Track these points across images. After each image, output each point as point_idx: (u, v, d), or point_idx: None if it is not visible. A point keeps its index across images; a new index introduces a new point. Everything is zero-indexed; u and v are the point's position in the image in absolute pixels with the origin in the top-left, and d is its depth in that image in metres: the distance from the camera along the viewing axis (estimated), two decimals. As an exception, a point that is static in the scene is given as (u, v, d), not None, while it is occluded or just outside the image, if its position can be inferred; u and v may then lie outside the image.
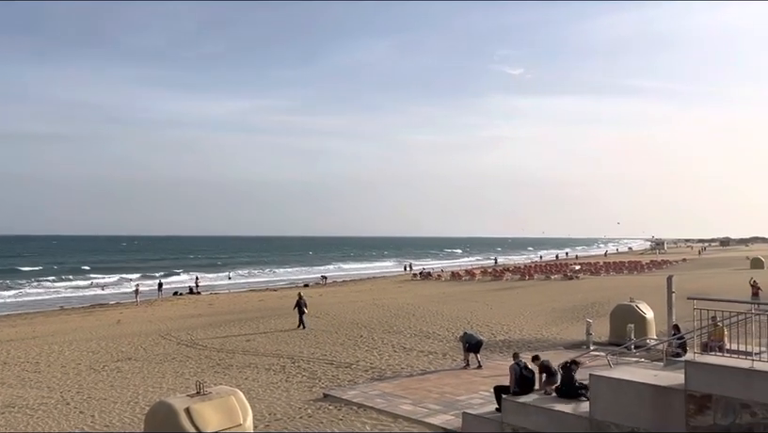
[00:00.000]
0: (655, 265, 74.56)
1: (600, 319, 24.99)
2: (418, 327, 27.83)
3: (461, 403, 14.38)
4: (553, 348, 21.15)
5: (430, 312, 33.01)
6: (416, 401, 14.93)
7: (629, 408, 10.03)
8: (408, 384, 16.89)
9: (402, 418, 13.59)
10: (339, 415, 14.20)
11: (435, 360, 20.38)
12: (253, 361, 21.57)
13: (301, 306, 29.49)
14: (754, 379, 8.80)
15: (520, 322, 28.67)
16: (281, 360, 21.43)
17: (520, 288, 49.68)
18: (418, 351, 22.11)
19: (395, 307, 35.98)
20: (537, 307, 34.40)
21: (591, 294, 40.01)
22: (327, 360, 21.18)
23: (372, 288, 57.05)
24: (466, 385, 16.45)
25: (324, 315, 33.03)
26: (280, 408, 15.25)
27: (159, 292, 55.86)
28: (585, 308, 32.33)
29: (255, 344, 25.00)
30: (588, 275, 63.90)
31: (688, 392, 9.38)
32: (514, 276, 64.55)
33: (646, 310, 21.96)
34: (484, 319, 29.21)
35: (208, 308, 42.67)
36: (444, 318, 29.98)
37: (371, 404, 14.81)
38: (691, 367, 9.53)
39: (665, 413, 9.61)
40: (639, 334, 19.95)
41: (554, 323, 28.05)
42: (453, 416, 13.38)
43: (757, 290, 19.84)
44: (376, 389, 16.44)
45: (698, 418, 9.25)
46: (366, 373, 18.80)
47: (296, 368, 20.11)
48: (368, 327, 28.28)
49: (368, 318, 31.19)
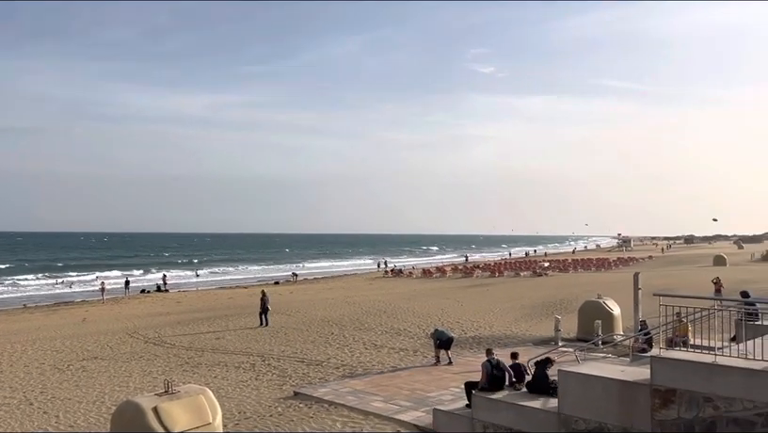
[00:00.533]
0: (622, 263, 75.90)
1: (568, 315, 25.32)
2: (389, 324, 27.85)
3: (432, 399, 14.44)
4: (523, 344, 21.36)
5: (401, 309, 33.06)
6: (387, 398, 14.94)
7: (596, 402, 10.20)
8: (380, 381, 16.90)
9: (373, 415, 13.59)
10: (309, 413, 14.14)
11: (406, 357, 20.42)
12: (222, 360, 21.35)
13: (265, 303, 29.43)
14: (716, 374, 9.01)
15: (489, 318, 28.90)
16: (251, 358, 21.25)
17: (491, 285, 50.09)
18: (389, 348, 22.13)
19: (366, 304, 35.97)
20: (507, 304, 34.72)
21: (560, 290, 40.54)
22: (297, 357, 21.07)
23: (343, 285, 56.97)
24: (437, 381, 16.52)
25: (294, 313, 32.86)
26: (250, 407, 15.12)
27: (126, 289, 54.92)
28: (554, 304, 32.73)
29: (224, 342, 24.75)
30: (557, 272, 64.74)
31: (653, 387, 9.57)
32: (484, 273, 65.09)
33: (613, 306, 22.32)
34: (454, 316, 29.37)
35: (176, 306, 42.11)
36: (415, 315, 30.06)
37: (342, 401, 14.77)
38: (656, 362, 9.72)
39: (632, 408, 9.79)
40: (606, 330, 20.25)
41: (524, 319, 28.35)
42: (424, 413, 13.42)
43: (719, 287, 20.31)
44: (347, 386, 16.40)
45: (663, 412, 9.44)
46: (337, 370, 18.75)
47: (265, 366, 19.96)
48: (339, 324, 28.22)
49: (339, 315, 31.12)
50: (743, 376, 8.80)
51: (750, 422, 8.65)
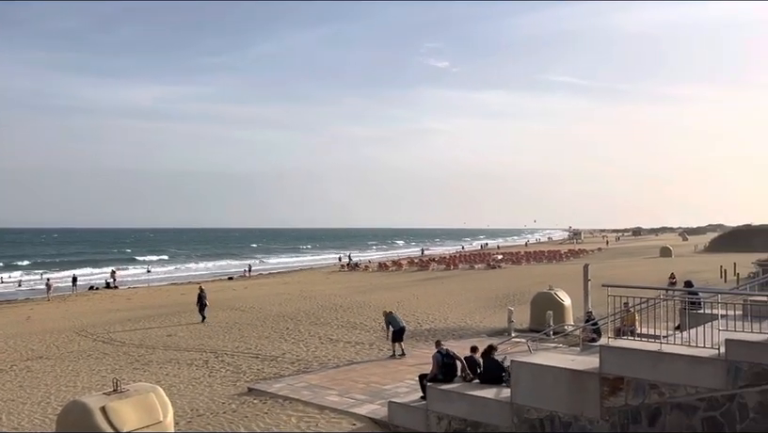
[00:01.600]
0: (573, 255, 77.69)
1: (521, 307, 25.76)
2: (345, 318, 27.81)
3: (387, 392, 14.49)
4: (477, 336, 21.64)
5: (357, 303, 33.06)
6: (342, 392, 14.92)
7: (547, 392, 10.40)
8: (335, 375, 16.87)
9: (328, 409, 13.55)
10: (264, 409, 14.00)
11: (362, 351, 20.43)
12: (174, 357, 20.94)
13: (202, 299, 29.31)
14: (661, 361, 9.30)
15: (444, 311, 29.17)
16: (204, 355, 20.91)
17: (446, 278, 50.57)
18: (345, 342, 22.10)
19: (322, 298, 35.84)
20: (462, 296, 35.11)
21: (513, 282, 41.24)
22: (251, 353, 20.83)
23: (299, 280, 56.58)
24: (392, 374, 16.58)
25: (249, 309, 32.49)
26: (203, 404, 14.88)
27: (74, 286, 53.21)
28: (507, 296, 33.27)
29: (176, 339, 24.28)
30: (510, 264, 65.81)
31: (602, 375, 9.81)
32: (439, 266, 65.67)
33: (564, 297, 22.81)
34: (410, 309, 29.52)
35: (126, 302, 41.07)
36: (371, 309, 30.09)
37: (297, 396, 14.68)
38: (605, 351, 9.96)
39: (581, 396, 10.01)
40: (558, 321, 20.69)
41: (478, 311, 28.71)
42: (379, 405, 13.46)
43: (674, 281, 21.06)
44: (302, 381, 16.31)
45: (612, 399, 9.70)
46: (292, 365, 18.62)
47: (219, 362, 19.67)
48: (294, 319, 28.03)
49: (294, 310, 30.91)
50: (686, 363, 9.10)
51: (693, 407, 8.95)
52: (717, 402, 8.76)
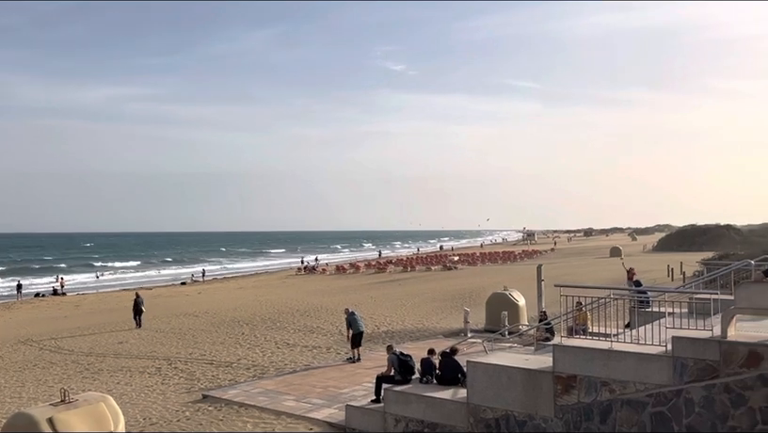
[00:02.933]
0: (527, 255, 79.08)
1: (477, 307, 26.05)
2: (302, 322, 27.61)
3: (345, 396, 14.43)
4: (434, 337, 21.78)
5: (314, 306, 32.87)
6: (300, 397, 14.79)
7: (502, 391, 10.53)
8: (292, 380, 16.71)
9: (285, 414, 13.41)
10: (219, 416, 13.76)
11: (319, 355, 20.31)
12: (126, 365, 20.40)
13: (138, 305, 29.36)
14: (612, 359, 9.53)
15: (402, 313, 29.26)
16: (157, 362, 20.43)
17: (403, 280, 50.78)
18: (302, 346, 21.93)
19: (279, 302, 35.52)
20: (418, 297, 35.30)
21: (469, 283, 41.67)
22: (206, 359, 20.46)
23: (255, 284, 55.94)
24: (350, 378, 16.52)
25: (203, 314, 31.93)
26: (156, 412, 14.54)
27: (18, 294, 51.37)
28: (463, 297, 33.60)
29: (128, 347, 23.66)
30: (466, 265, 66.54)
31: (555, 374, 9.99)
32: (397, 268, 65.90)
33: (518, 297, 23.16)
34: (367, 312, 29.50)
35: (74, 310, 39.87)
36: (328, 312, 29.96)
37: (253, 402, 14.48)
38: (558, 350, 10.15)
39: (536, 395, 10.18)
40: (512, 321, 20.99)
41: (435, 312, 28.90)
42: (336, 409, 13.39)
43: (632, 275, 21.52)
44: (258, 387, 16.10)
45: (565, 397, 9.89)
46: (248, 371, 18.37)
47: (172, 370, 19.26)
48: (250, 324, 27.68)
49: (250, 315, 30.53)
50: (635, 361, 9.35)
51: (642, 403, 9.21)
52: (665, 397, 9.03)
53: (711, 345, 8.76)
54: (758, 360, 8.37)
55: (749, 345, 8.52)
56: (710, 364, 8.72)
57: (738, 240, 66.83)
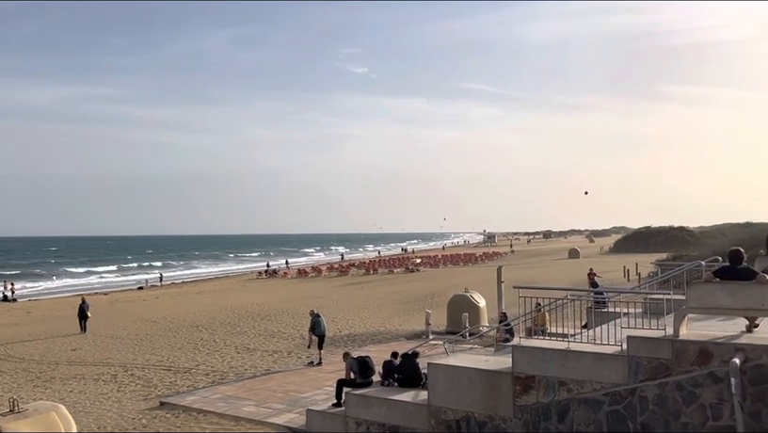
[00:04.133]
0: (487, 257, 79.96)
1: (438, 309, 26.20)
2: (262, 326, 27.32)
3: (306, 400, 14.33)
4: (396, 339, 21.81)
5: (275, 310, 32.58)
6: (260, 402, 14.62)
7: (463, 393, 10.58)
8: (252, 385, 16.51)
9: (245, 420, 13.24)
10: (177, 423, 13.50)
11: (280, 359, 20.12)
12: (80, 372, 19.84)
13: (84, 310, 29.20)
14: (569, 359, 9.66)
15: (364, 316, 29.23)
16: (112, 369, 19.93)
17: (366, 283, 50.75)
18: (262, 351, 21.69)
19: (239, 307, 35.07)
20: (381, 300, 35.33)
21: (431, 285, 41.91)
22: (164, 366, 20.05)
23: (215, 288, 55.10)
24: (311, 382, 16.42)
25: (161, 319, 31.31)
26: (111, 421, 14.18)
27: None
28: (425, 299, 33.78)
29: (82, 354, 23.01)
30: (428, 267, 66.90)
31: (514, 375, 10.09)
32: (359, 271, 65.79)
33: (479, 299, 23.39)
34: (330, 315, 29.31)
35: (26, 316, 38.60)
36: (289, 316, 29.74)
37: (212, 408, 14.25)
38: (517, 351, 10.26)
39: (495, 396, 10.26)
40: (473, 322, 21.18)
41: (397, 315, 28.96)
42: (297, 414, 13.29)
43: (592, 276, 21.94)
44: (217, 393, 15.85)
45: (524, 397, 9.99)
46: (207, 377, 18.07)
47: (128, 376, 18.81)
48: (209, 328, 27.25)
49: (209, 320, 30.06)
50: (592, 360, 9.51)
51: (598, 401, 9.36)
52: (620, 396, 9.20)
53: (664, 344, 8.96)
54: (708, 357, 8.60)
55: (700, 344, 8.75)
56: (663, 363, 8.92)
57: (691, 241, 68.91)
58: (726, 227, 68.49)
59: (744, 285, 8.71)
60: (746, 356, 8.32)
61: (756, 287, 8.60)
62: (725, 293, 8.79)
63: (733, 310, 8.89)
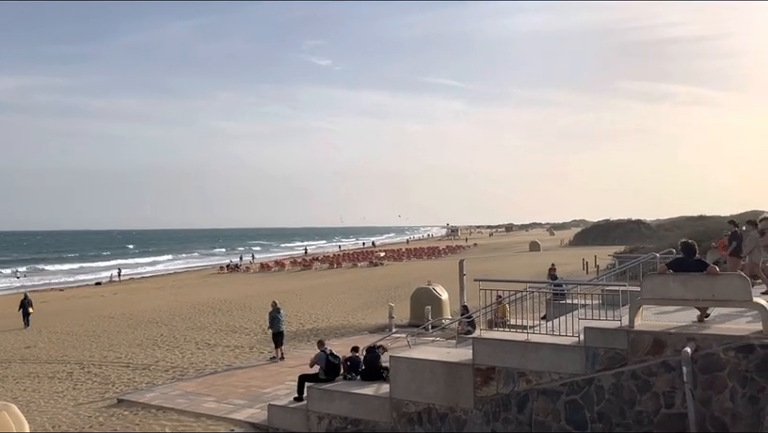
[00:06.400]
0: (450, 250, 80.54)
1: (401, 302, 26.28)
2: (223, 321, 27.01)
3: (267, 395, 14.22)
4: (359, 333, 21.82)
5: (237, 305, 32.24)
6: (220, 398, 14.46)
7: (424, 385, 10.66)
8: (213, 381, 16.31)
9: (205, 417, 13.08)
10: (135, 420, 13.26)
11: (241, 355, 19.92)
12: (34, 370, 19.30)
13: (26, 306, 29.68)
14: (529, 350, 9.82)
15: (327, 310, 29.16)
16: (68, 367, 19.44)
17: (329, 276, 50.61)
18: (223, 346, 21.44)
19: (199, 302, 34.59)
20: (344, 294, 35.30)
21: (394, 279, 42.05)
22: (122, 362, 19.65)
23: (174, 284, 54.21)
24: (273, 377, 16.30)
25: (119, 315, 30.67)
26: (67, 419, 13.85)
27: None
28: (389, 292, 33.89)
29: (36, 351, 22.39)
30: (392, 261, 67.06)
31: (475, 366, 10.20)
32: (323, 265, 65.56)
33: (441, 292, 23.56)
34: (292, 309, 29.19)
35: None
36: (251, 311, 29.47)
37: (171, 405, 14.03)
38: (477, 343, 10.37)
39: (456, 387, 10.36)
40: (436, 315, 21.33)
41: (360, 309, 28.97)
42: (259, 409, 13.19)
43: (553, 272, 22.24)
44: (177, 389, 15.62)
45: (484, 389, 10.11)
46: (166, 373, 17.78)
47: (85, 374, 18.38)
48: (169, 324, 26.81)
49: (168, 315, 29.58)
50: (550, 351, 9.68)
51: (557, 392, 9.54)
52: (578, 386, 9.39)
53: (619, 335, 9.18)
54: (661, 347, 8.84)
55: (654, 334, 8.98)
56: (619, 353, 9.14)
57: (648, 234, 70.67)
58: (680, 220, 70.34)
59: (695, 276, 8.97)
60: (697, 345, 8.58)
61: (706, 278, 8.87)
62: (677, 284, 9.04)
63: (685, 300, 9.16)
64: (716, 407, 8.48)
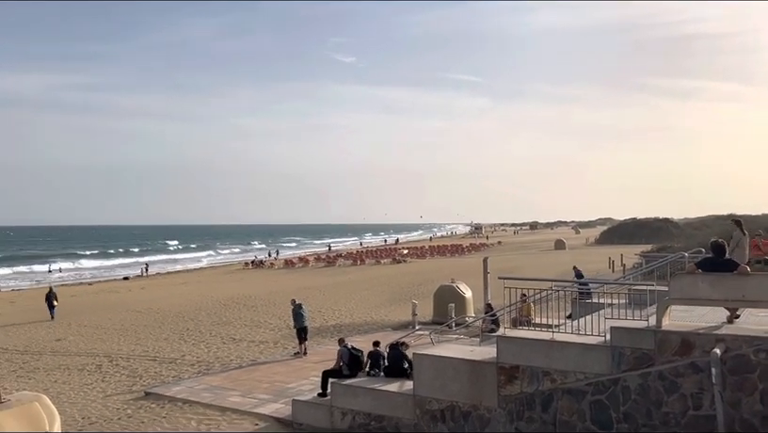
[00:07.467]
0: (474, 248, 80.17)
1: (425, 300, 26.26)
2: (248, 316, 27.26)
3: (291, 390, 14.33)
4: (382, 330, 21.85)
5: (261, 300, 32.52)
6: (245, 392, 14.62)
7: (448, 383, 10.64)
8: (238, 376, 16.49)
9: (230, 411, 13.23)
10: (162, 413, 13.46)
11: (266, 350, 20.10)
12: (64, 363, 19.70)
13: (51, 299, 30.72)
14: (553, 349, 9.75)
15: (350, 306, 29.25)
16: (97, 360, 19.81)
17: (352, 273, 50.74)
18: (248, 341, 21.65)
19: (224, 297, 34.95)
20: (367, 291, 35.36)
21: (417, 276, 42.01)
22: (149, 356, 19.96)
23: (200, 279, 54.86)
24: (297, 372, 16.42)
25: (146, 310, 31.14)
26: (96, 411, 14.10)
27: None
28: (412, 289, 33.86)
29: (66, 344, 22.85)
30: (415, 258, 66.99)
31: (499, 365, 10.16)
32: (346, 261, 65.74)
33: (465, 289, 23.47)
34: (316, 305, 29.36)
35: (9, 306, 38.21)
36: (276, 306, 29.68)
37: (197, 399, 14.22)
38: (501, 341, 10.33)
39: (480, 385, 10.33)
40: (459, 313, 21.26)
41: (383, 305, 29.01)
42: (283, 404, 13.30)
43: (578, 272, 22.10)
44: (202, 383, 15.82)
45: (508, 387, 10.07)
46: (192, 367, 18.02)
47: (113, 367, 18.71)
48: (195, 319, 27.15)
49: (195, 310, 29.95)
50: (575, 351, 9.60)
51: (582, 391, 9.46)
52: (603, 386, 9.30)
53: (646, 335, 9.06)
54: (689, 348, 8.71)
55: (682, 334, 8.86)
56: (645, 353, 9.02)
57: (675, 233, 69.44)
58: (710, 219, 69.00)
59: (724, 276, 8.81)
60: (727, 346, 8.44)
61: (736, 278, 8.71)
62: (706, 284, 8.89)
63: (714, 301, 9.00)
64: (746, 409, 8.33)
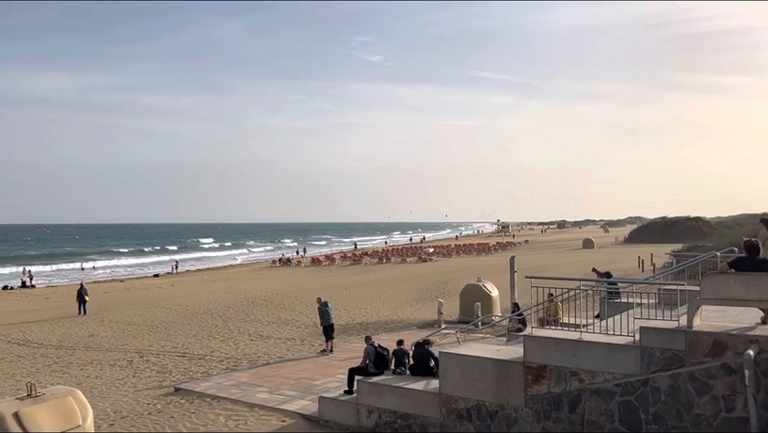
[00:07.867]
0: (501, 247, 79.63)
1: (451, 298, 26.20)
2: (275, 314, 27.50)
3: (318, 388, 14.44)
4: (408, 328, 21.86)
5: (288, 298, 32.76)
6: (273, 389, 14.75)
7: (474, 382, 10.61)
8: (265, 372, 16.65)
9: (258, 406, 13.37)
10: (191, 408, 13.66)
11: (293, 347, 20.26)
12: (96, 358, 20.12)
13: (82, 295, 31.61)
14: (581, 349, 9.65)
15: (377, 304, 29.31)
16: (128, 355, 20.19)
17: (378, 271, 50.83)
18: (275, 338, 21.85)
19: (252, 295, 35.31)
20: (393, 289, 35.39)
21: (443, 275, 41.89)
22: (178, 352, 20.27)
23: (228, 276, 55.48)
24: (323, 369, 16.52)
25: (175, 306, 31.61)
26: (127, 406, 14.37)
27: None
28: (438, 288, 33.79)
29: (98, 339, 23.33)
30: (441, 257, 66.84)
31: (526, 364, 10.09)
32: (372, 259, 65.88)
33: (491, 288, 23.35)
34: (342, 303, 29.49)
35: (44, 302, 39.17)
36: (303, 304, 29.88)
37: (225, 395, 14.41)
38: (529, 341, 10.25)
39: (507, 385, 10.28)
40: (486, 312, 21.17)
41: (409, 304, 29.01)
42: (310, 401, 13.39)
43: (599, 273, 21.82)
44: (231, 379, 16.02)
45: (535, 387, 10.00)
46: (221, 363, 18.25)
47: (144, 362, 19.05)
48: (223, 316, 27.48)
49: (223, 307, 30.31)
50: (604, 351, 9.49)
51: (610, 392, 9.35)
52: (632, 387, 9.18)
53: (677, 335, 8.92)
54: (722, 349, 8.55)
55: (714, 335, 8.69)
56: (676, 354, 8.88)
57: (707, 232, 68.12)
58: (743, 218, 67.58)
59: (758, 276, 8.63)
60: (761, 347, 8.26)
61: (771, 278, 8.52)
62: (739, 284, 8.71)
63: (748, 301, 8.81)
64: (780, 412, 8.15)
